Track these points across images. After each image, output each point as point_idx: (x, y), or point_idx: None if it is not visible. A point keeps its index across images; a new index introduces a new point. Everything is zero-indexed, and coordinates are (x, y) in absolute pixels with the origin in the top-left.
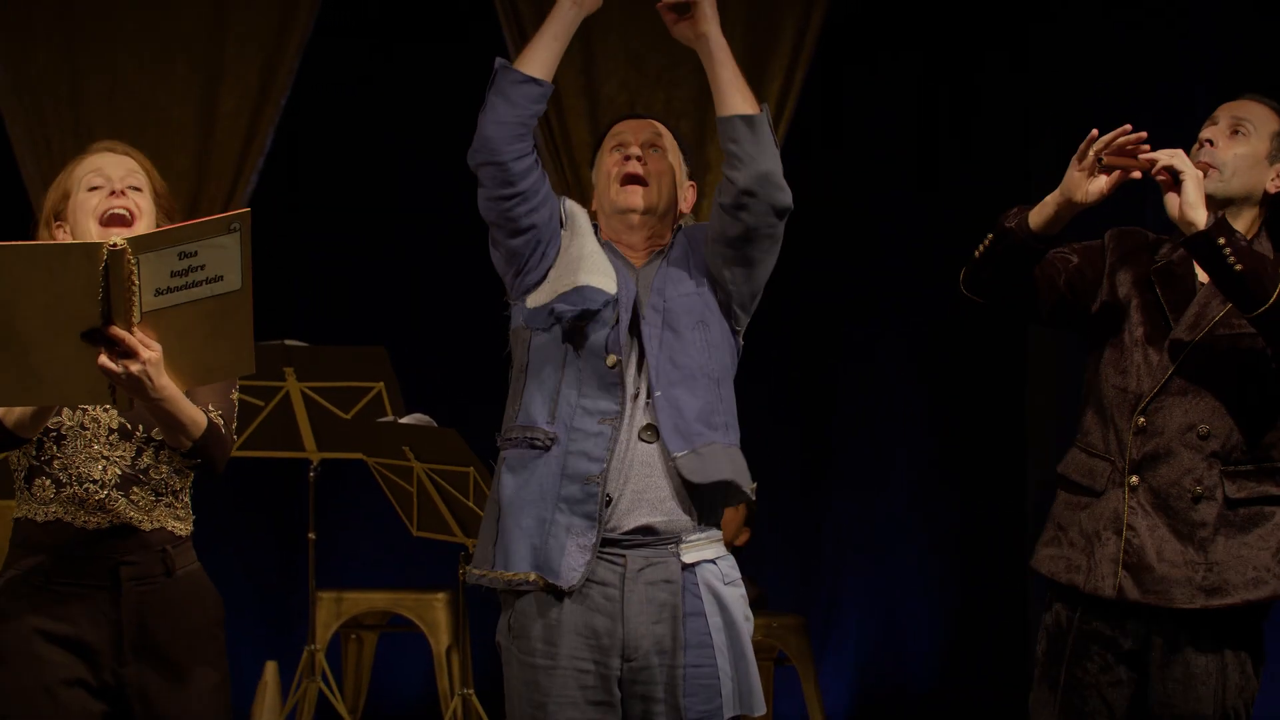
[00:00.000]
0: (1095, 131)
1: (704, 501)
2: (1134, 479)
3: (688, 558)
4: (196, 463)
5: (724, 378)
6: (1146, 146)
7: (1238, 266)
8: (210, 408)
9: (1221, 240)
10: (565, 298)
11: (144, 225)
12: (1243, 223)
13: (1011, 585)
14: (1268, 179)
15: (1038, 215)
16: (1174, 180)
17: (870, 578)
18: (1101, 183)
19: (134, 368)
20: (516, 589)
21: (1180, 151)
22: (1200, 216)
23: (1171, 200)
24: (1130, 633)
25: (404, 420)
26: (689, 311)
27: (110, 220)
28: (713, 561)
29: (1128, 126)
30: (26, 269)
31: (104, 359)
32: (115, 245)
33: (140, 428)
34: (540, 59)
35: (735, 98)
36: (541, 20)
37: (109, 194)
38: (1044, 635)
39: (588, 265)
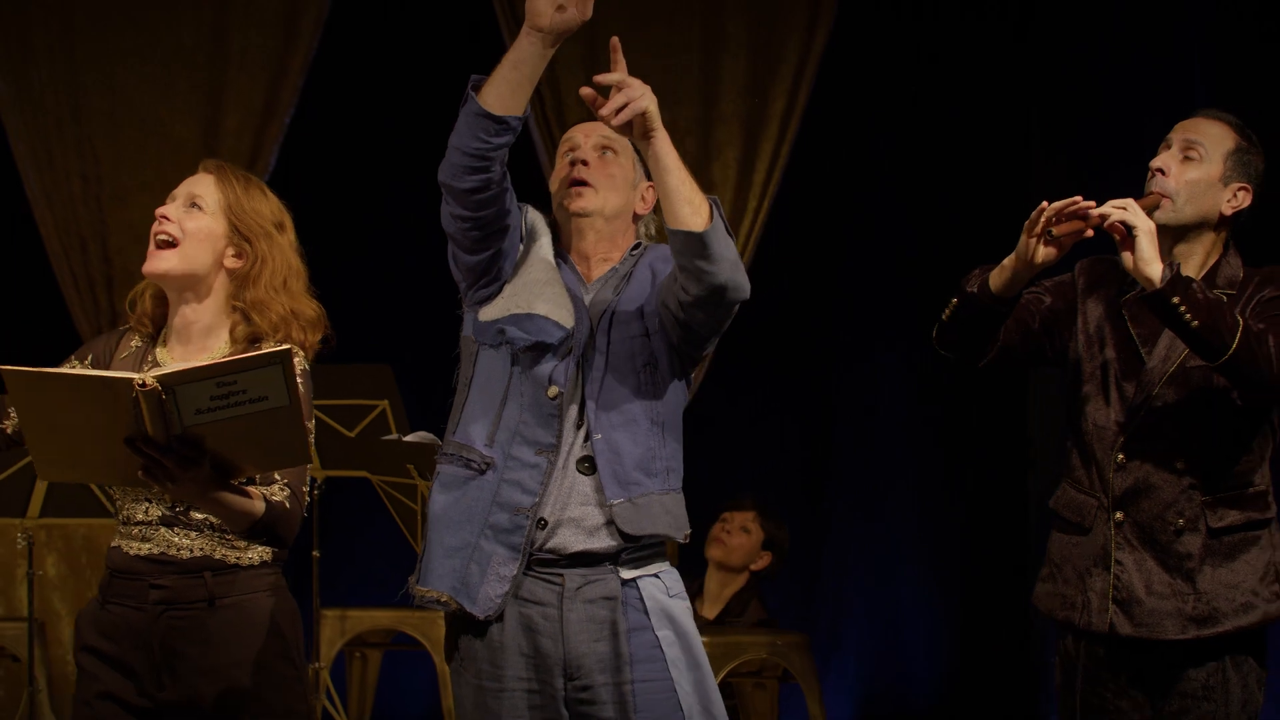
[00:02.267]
0: (1045, 203)
1: (639, 540)
2: (1119, 514)
3: (627, 573)
4: (261, 540)
5: (669, 420)
6: (1094, 209)
7: (1194, 323)
8: (277, 475)
9: (1176, 299)
10: (519, 323)
11: (189, 247)
12: (1202, 247)
13: (1014, 598)
14: (1223, 201)
15: (997, 278)
16: (1129, 233)
17: (873, 593)
18: (1057, 246)
19: (169, 486)
20: (428, 606)
21: (1131, 202)
22: (1155, 271)
23: (1127, 258)
24: (1134, 658)
25: (408, 438)
26: (635, 354)
27: (155, 247)
28: (655, 576)
29: (1078, 198)
30: (64, 392)
31: (142, 473)
32: (144, 385)
33: None
34: (496, 90)
35: (683, 210)
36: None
37: (160, 219)
38: (1059, 666)
39: (546, 294)
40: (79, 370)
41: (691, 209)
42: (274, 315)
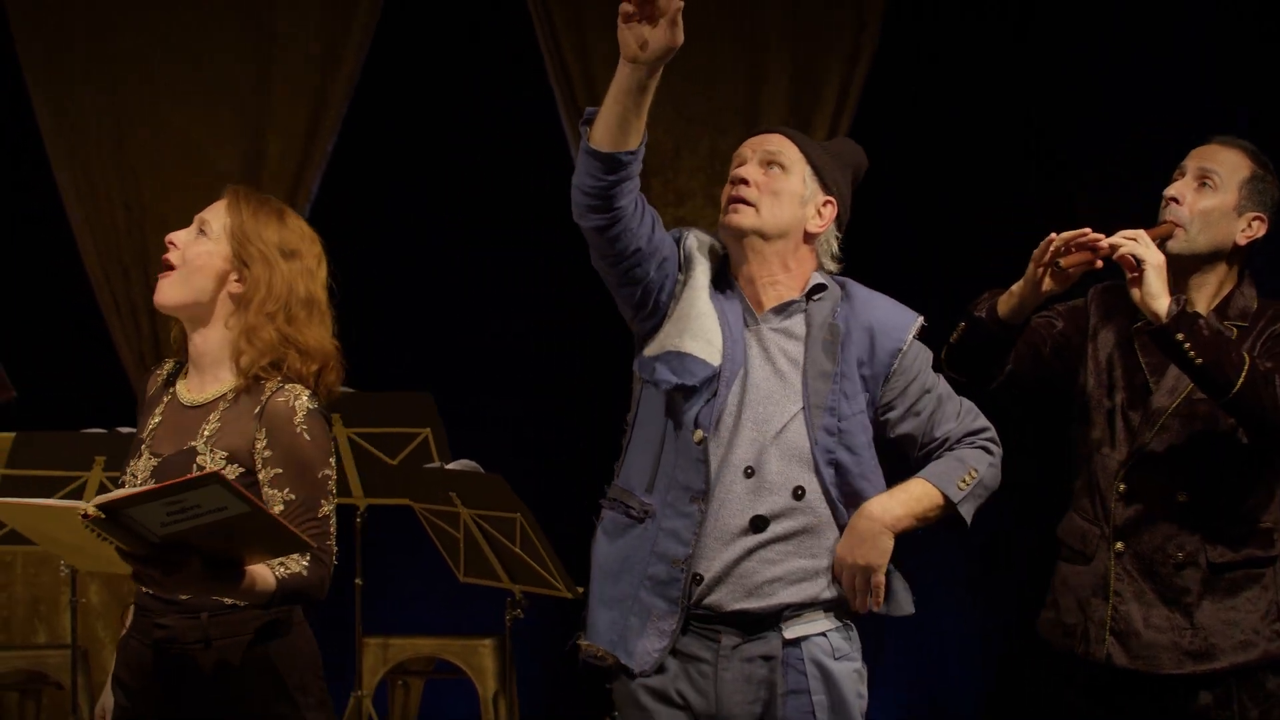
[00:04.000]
0: (1053, 235)
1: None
2: (1119, 545)
3: (791, 632)
4: (287, 605)
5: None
6: (1104, 241)
7: (1198, 360)
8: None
9: (1180, 336)
10: (667, 362)
11: (186, 273)
12: (1215, 277)
13: None
14: (1237, 230)
15: (1004, 305)
16: (1138, 266)
17: (912, 619)
18: (1065, 275)
19: (160, 589)
20: (592, 659)
21: (1142, 234)
22: (1161, 306)
23: (1135, 291)
24: (1141, 691)
25: (450, 466)
26: (865, 429)
27: (159, 275)
28: (822, 635)
29: (1087, 230)
30: (28, 518)
31: (132, 577)
32: (87, 514)
33: None
34: (604, 125)
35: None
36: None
37: (167, 244)
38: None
39: (694, 328)
40: (27, 500)
41: (938, 514)
42: (261, 342)
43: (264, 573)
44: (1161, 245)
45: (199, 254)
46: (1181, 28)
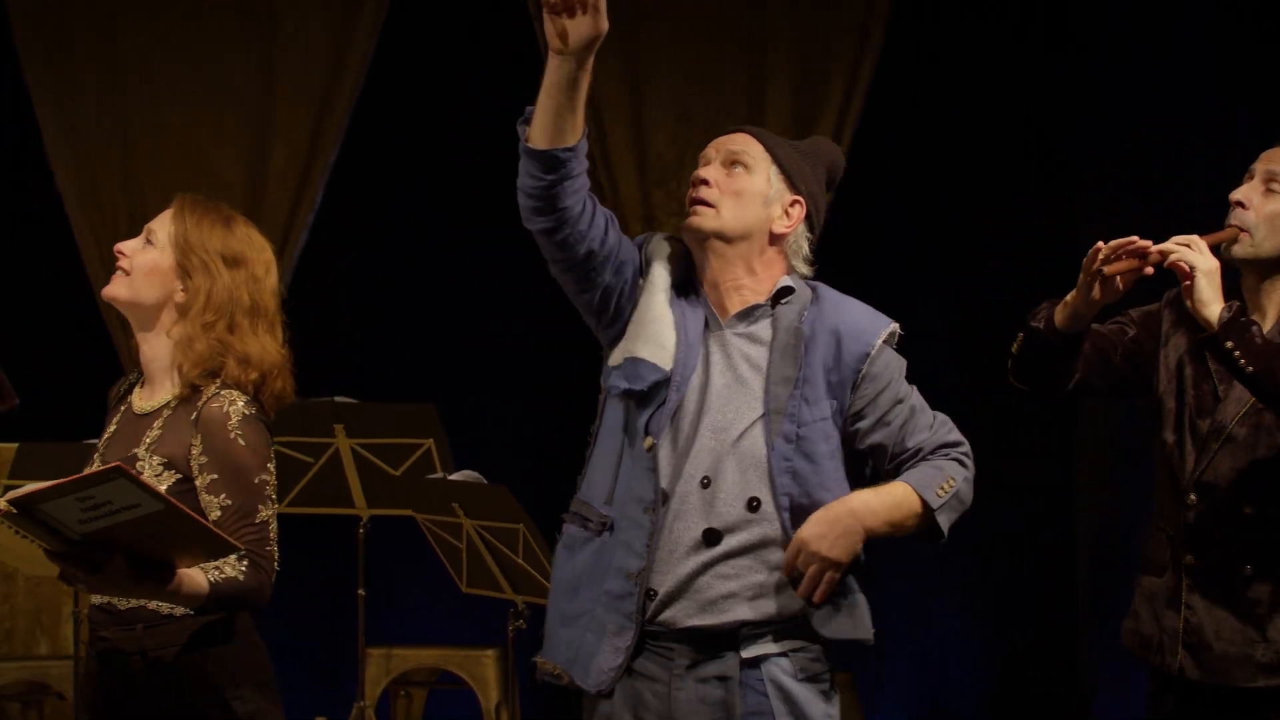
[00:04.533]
0: (1100, 244)
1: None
2: (1189, 557)
3: (749, 652)
4: (225, 611)
5: None
6: (1154, 247)
7: (1249, 369)
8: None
9: (1229, 344)
10: (622, 369)
11: (135, 279)
12: None
13: (1060, 630)
14: None
15: (1061, 314)
16: (1190, 272)
17: (913, 629)
18: (1115, 283)
19: (84, 588)
20: (549, 678)
21: (1195, 239)
22: (1212, 313)
23: (1188, 301)
24: (1219, 705)
25: (453, 477)
26: (827, 438)
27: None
28: (784, 655)
29: (1134, 237)
30: None
31: (59, 577)
32: None
33: None
34: (538, 123)
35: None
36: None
37: (117, 253)
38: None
39: (648, 332)
40: None
41: (914, 524)
42: (195, 353)
43: (195, 575)
44: (1227, 250)
45: (144, 263)
46: (1181, 28)
